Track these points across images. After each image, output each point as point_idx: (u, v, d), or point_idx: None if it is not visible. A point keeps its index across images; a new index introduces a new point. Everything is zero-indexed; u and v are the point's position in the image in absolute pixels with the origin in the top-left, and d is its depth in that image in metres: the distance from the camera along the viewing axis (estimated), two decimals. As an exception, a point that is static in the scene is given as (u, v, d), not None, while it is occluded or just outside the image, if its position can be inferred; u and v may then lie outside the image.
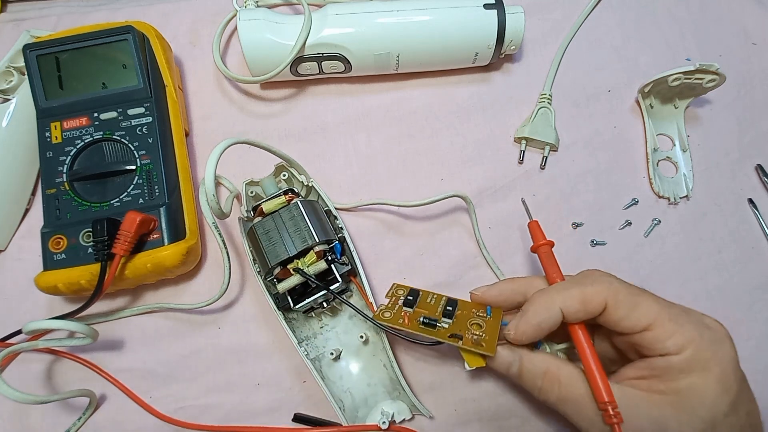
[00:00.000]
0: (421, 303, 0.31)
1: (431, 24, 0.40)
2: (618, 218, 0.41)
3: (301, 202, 0.34)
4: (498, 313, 0.30)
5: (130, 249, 0.33)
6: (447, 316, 0.30)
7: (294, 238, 0.32)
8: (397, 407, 0.34)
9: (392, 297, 0.32)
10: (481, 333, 0.29)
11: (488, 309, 0.31)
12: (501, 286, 0.31)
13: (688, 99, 0.43)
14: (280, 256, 0.32)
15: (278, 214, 0.34)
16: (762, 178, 0.42)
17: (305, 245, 0.32)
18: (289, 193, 0.35)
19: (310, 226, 0.33)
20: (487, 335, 0.29)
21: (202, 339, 0.37)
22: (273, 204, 0.34)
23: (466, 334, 0.29)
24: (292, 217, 0.33)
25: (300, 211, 0.33)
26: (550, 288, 0.28)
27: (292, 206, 0.34)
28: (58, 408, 0.36)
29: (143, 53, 0.38)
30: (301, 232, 0.32)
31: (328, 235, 0.33)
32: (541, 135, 0.41)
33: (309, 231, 0.32)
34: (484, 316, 0.30)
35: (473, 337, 0.28)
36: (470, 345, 0.28)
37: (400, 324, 0.29)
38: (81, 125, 0.37)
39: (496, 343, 0.28)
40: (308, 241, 0.32)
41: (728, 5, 0.47)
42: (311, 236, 0.32)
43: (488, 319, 0.30)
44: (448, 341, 0.28)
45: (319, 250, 0.32)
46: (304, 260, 0.32)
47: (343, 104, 0.44)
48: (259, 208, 0.35)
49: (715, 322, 0.27)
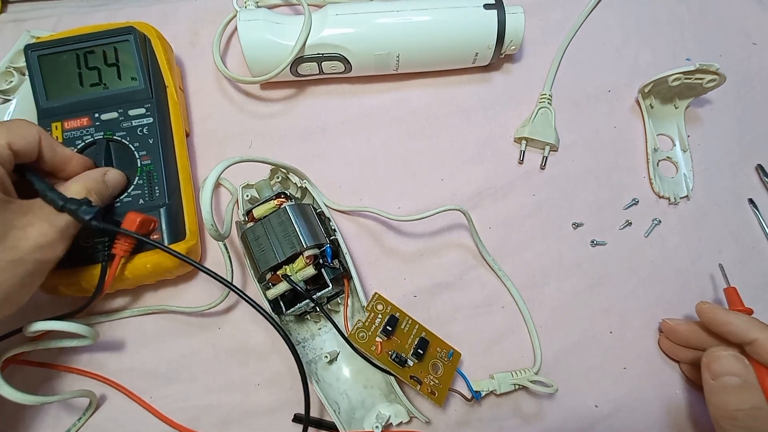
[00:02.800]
0: (397, 331, 0.33)
1: (431, 24, 0.40)
2: (618, 218, 0.41)
3: (289, 206, 0.34)
4: (456, 358, 0.34)
5: (130, 250, 0.33)
6: (416, 355, 0.32)
7: (282, 244, 0.32)
8: (394, 410, 0.34)
9: (371, 312, 0.33)
10: (437, 380, 0.33)
11: (450, 353, 0.34)
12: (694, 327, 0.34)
13: (689, 99, 0.43)
14: (269, 263, 0.32)
15: (268, 219, 0.33)
16: (762, 178, 0.42)
17: (293, 251, 0.32)
18: (281, 197, 0.35)
19: (298, 231, 0.32)
20: (442, 384, 0.33)
21: (203, 339, 0.37)
22: (264, 209, 0.34)
23: (425, 379, 0.32)
24: (281, 222, 0.33)
25: (288, 215, 0.33)
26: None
27: (281, 211, 0.33)
28: (59, 408, 0.36)
29: (144, 54, 0.38)
30: (290, 237, 0.32)
31: (318, 239, 0.33)
32: (541, 135, 0.41)
33: (297, 236, 0.32)
34: (445, 359, 0.34)
35: (431, 383, 0.32)
36: (426, 392, 0.32)
37: (372, 351, 0.32)
38: (82, 125, 0.37)
39: (446, 394, 0.33)
40: (296, 246, 0.32)
41: (728, 5, 0.47)
42: (299, 242, 0.32)
43: (447, 363, 0.34)
44: (409, 382, 0.32)
45: (309, 254, 0.32)
46: (292, 266, 0.32)
47: (343, 104, 0.44)
48: (251, 212, 0.35)
49: None
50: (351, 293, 0.36)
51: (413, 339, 0.33)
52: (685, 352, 0.35)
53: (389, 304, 0.34)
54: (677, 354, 0.36)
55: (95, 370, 0.37)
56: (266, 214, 0.34)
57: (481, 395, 0.34)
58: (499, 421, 0.35)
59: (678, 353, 0.36)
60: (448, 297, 0.39)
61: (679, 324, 0.35)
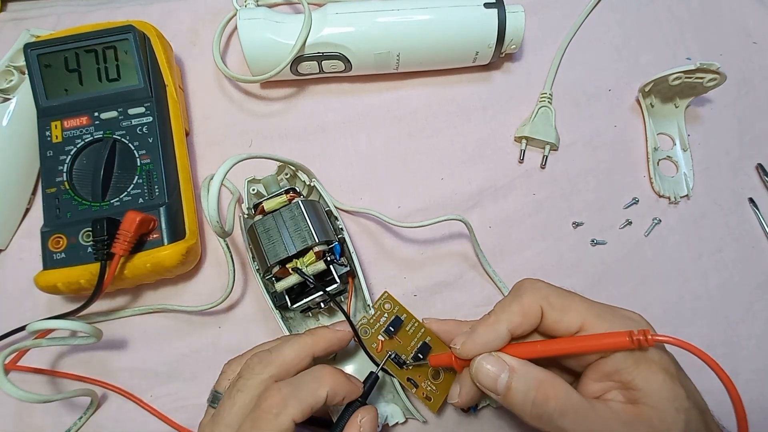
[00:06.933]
0: (401, 331, 0.33)
1: (431, 23, 0.40)
2: (618, 217, 0.41)
3: (302, 201, 0.34)
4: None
5: (129, 249, 0.33)
6: (415, 359, 0.32)
7: (294, 238, 0.32)
8: (390, 410, 0.34)
9: (378, 311, 0.33)
10: (434, 387, 0.32)
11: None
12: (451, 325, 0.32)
13: (689, 98, 0.43)
14: (279, 255, 0.32)
15: (279, 212, 0.34)
16: (762, 178, 0.42)
17: (305, 245, 0.32)
18: (291, 192, 0.35)
19: (311, 226, 0.33)
20: (439, 391, 0.32)
21: (203, 338, 0.38)
22: (274, 202, 0.34)
23: (423, 383, 0.32)
24: (292, 217, 0.33)
25: (301, 210, 0.33)
26: (495, 308, 0.27)
27: (293, 205, 0.34)
28: (60, 407, 0.36)
29: (144, 53, 0.38)
30: (301, 231, 0.32)
31: (328, 236, 0.33)
32: (541, 134, 0.41)
33: (309, 231, 0.32)
34: (448, 368, 0.32)
35: (428, 388, 0.32)
36: (421, 396, 0.31)
37: (373, 348, 0.32)
38: (81, 124, 0.37)
39: (442, 402, 0.32)
40: (308, 240, 0.32)
41: (729, 4, 0.47)
42: (311, 236, 0.32)
43: (449, 372, 0.32)
44: (406, 384, 0.32)
45: (318, 250, 0.32)
46: (303, 260, 0.32)
47: (343, 104, 0.44)
48: (260, 206, 0.35)
49: (636, 314, 0.26)
50: (354, 292, 0.36)
51: (416, 342, 0.33)
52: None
53: (397, 304, 0.33)
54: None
55: (96, 368, 0.37)
56: (277, 207, 0.34)
57: (478, 408, 0.34)
58: (499, 420, 0.35)
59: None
60: (448, 296, 0.39)
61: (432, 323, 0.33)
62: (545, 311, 0.26)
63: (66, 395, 0.33)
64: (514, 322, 0.26)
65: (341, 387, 0.27)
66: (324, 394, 0.26)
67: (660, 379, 0.24)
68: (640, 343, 0.23)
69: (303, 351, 0.29)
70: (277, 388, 0.26)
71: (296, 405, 0.26)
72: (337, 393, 0.27)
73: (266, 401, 0.26)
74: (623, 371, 0.24)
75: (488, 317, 0.27)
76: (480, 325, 0.27)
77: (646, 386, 0.24)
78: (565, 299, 0.26)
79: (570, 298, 0.26)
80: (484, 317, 0.27)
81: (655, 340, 0.23)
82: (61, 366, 0.37)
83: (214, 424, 0.27)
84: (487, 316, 0.27)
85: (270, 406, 0.25)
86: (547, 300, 0.26)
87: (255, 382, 0.27)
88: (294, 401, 0.26)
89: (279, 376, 0.27)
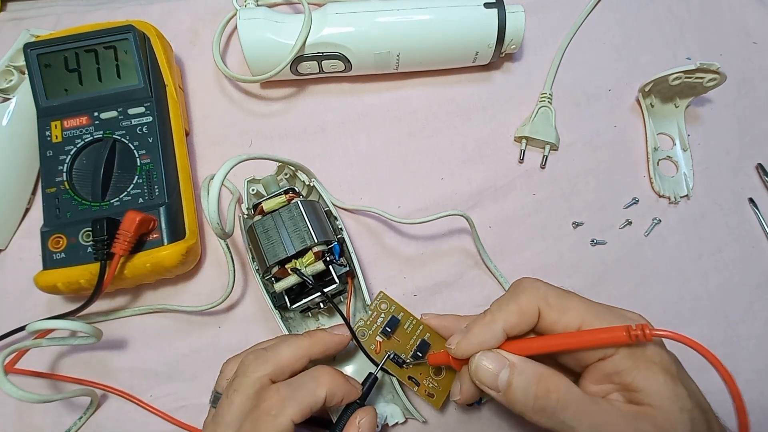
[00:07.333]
0: (398, 330, 0.33)
1: (431, 23, 0.40)
2: (618, 217, 0.41)
3: (301, 201, 0.34)
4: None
5: (129, 248, 0.33)
6: (415, 357, 0.32)
7: (293, 238, 0.32)
8: (390, 410, 0.34)
9: (374, 311, 0.33)
10: (437, 383, 0.32)
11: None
12: (449, 320, 0.32)
13: (689, 98, 0.43)
14: (278, 255, 0.32)
15: (278, 213, 0.34)
16: (762, 178, 0.42)
17: (304, 245, 0.32)
18: (290, 192, 0.35)
19: (310, 226, 0.33)
20: (441, 387, 0.32)
21: (203, 338, 0.38)
22: (273, 203, 0.34)
23: (424, 381, 0.32)
24: (291, 217, 0.33)
25: (300, 210, 0.33)
26: (491, 307, 0.27)
27: (292, 206, 0.34)
28: (60, 407, 0.36)
29: (144, 52, 0.38)
30: (300, 232, 0.32)
31: (327, 236, 0.33)
32: (541, 134, 0.41)
33: (308, 231, 0.32)
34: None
35: (429, 385, 0.32)
36: (423, 394, 0.31)
37: (371, 350, 0.32)
38: (81, 124, 0.37)
39: (445, 398, 0.32)
40: (307, 241, 0.32)
41: (729, 4, 0.47)
42: (310, 236, 0.32)
43: (449, 368, 0.32)
44: (407, 382, 0.31)
45: (317, 250, 0.32)
46: (302, 260, 0.32)
47: (343, 103, 0.44)
48: (259, 206, 0.35)
49: (635, 314, 0.26)
50: (354, 292, 0.36)
51: (415, 340, 0.33)
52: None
53: (393, 304, 0.34)
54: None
55: (96, 368, 0.37)
56: (276, 208, 0.34)
57: (482, 401, 0.34)
58: (499, 420, 0.35)
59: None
60: (448, 296, 0.39)
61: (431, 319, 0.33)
62: (543, 311, 0.26)
63: (66, 395, 0.33)
64: (510, 321, 0.26)
65: (339, 388, 0.27)
66: (322, 395, 0.27)
67: (661, 380, 0.23)
68: (638, 338, 0.22)
69: (299, 352, 0.29)
70: (275, 389, 0.26)
71: (295, 406, 0.26)
72: (335, 394, 0.27)
73: (265, 402, 0.26)
74: (623, 372, 0.24)
75: (484, 316, 0.27)
76: (475, 324, 0.27)
77: (647, 387, 0.24)
78: (564, 299, 0.26)
79: (568, 299, 0.26)
80: (480, 316, 0.27)
81: (653, 335, 0.22)
82: (61, 366, 0.37)
83: (215, 424, 0.27)
84: (483, 315, 0.27)
85: (269, 407, 0.25)
86: (545, 300, 0.26)
87: (251, 380, 0.27)
88: (292, 402, 0.26)
89: (274, 375, 0.27)
